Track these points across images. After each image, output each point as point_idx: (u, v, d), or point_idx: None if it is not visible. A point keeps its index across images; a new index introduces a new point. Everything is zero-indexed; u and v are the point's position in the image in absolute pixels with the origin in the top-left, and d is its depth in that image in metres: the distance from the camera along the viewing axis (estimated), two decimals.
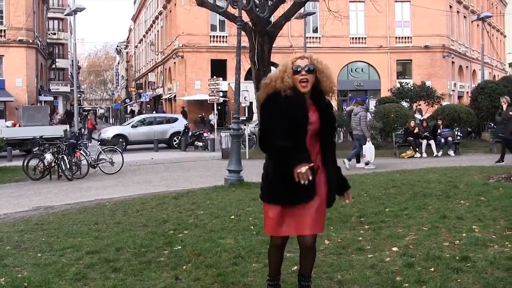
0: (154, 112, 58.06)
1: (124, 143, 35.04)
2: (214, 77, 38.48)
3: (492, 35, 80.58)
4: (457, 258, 7.16)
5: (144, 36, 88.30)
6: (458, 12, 68.54)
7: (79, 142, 21.97)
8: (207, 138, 34.52)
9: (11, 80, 51.52)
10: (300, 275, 5.76)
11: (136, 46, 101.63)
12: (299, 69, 5.40)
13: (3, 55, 52.09)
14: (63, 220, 11.63)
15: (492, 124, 31.19)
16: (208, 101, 37.50)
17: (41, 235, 9.92)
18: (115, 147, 24.85)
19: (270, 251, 5.78)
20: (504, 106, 21.73)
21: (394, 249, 7.79)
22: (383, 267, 6.97)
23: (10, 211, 13.59)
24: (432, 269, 6.75)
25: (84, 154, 21.51)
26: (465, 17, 70.93)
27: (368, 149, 21.34)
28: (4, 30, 52.14)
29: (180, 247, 8.38)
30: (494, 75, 77.25)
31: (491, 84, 33.96)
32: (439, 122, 27.39)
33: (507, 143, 21.40)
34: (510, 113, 21.13)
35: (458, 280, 6.31)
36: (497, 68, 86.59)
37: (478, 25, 62.85)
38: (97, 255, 8.15)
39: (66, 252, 8.44)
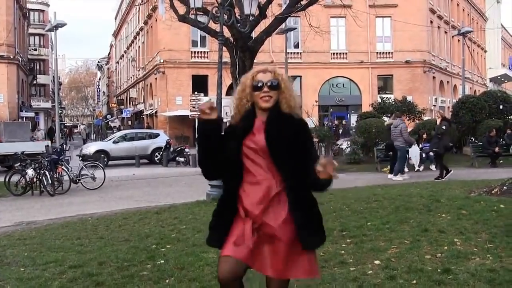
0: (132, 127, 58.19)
1: (106, 159, 34.95)
2: (196, 92, 38.54)
3: (473, 50, 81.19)
4: (439, 270, 7.21)
5: (125, 51, 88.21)
6: (439, 27, 68.99)
7: (60, 158, 21.90)
8: (188, 153, 34.51)
9: None
10: None
11: (117, 62, 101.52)
12: (259, 85, 4.61)
13: None
14: (45, 235, 11.61)
15: (473, 139, 31.43)
16: (190, 117, 37.50)
17: (24, 250, 9.90)
18: (97, 162, 24.80)
19: None
20: (438, 121, 22.18)
21: (376, 262, 7.83)
22: (366, 280, 7.01)
23: None
24: (414, 282, 6.80)
25: (66, 170, 21.44)
26: (445, 32, 71.38)
27: (415, 153, 23.54)
28: None
29: (162, 261, 8.39)
30: (475, 90, 77.64)
31: (472, 99, 34.22)
32: (424, 136, 27.60)
33: (440, 157, 21.84)
34: (443, 127, 21.51)
35: None
36: (478, 83, 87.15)
37: (459, 40, 63.32)
38: (80, 269, 8.14)
39: (49, 267, 8.43)
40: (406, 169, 22.58)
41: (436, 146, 22.22)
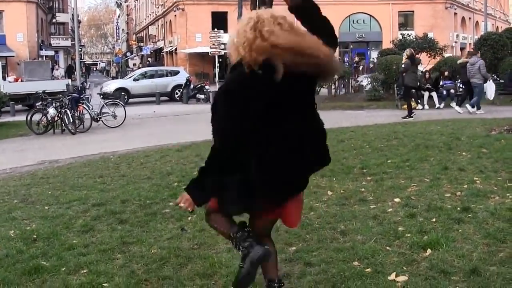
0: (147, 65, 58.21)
1: (126, 97, 35.06)
2: (215, 29, 38.28)
3: None
4: (458, 209, 7.23)
5: None
6: None
7: (81, 96, 21.98)
8: (209, 90, 34.50)
9: (12, 35, 51.43)
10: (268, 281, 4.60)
11: None
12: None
13: (3, 11, 51.93)
14: (68, 173, 11.76)
15: (495, 76, 31.09)
16: (210, 54, 37.40)
17: (48, 189, 10.05)
18: (117, 100, 24.89)
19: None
20: (403, 59, 22.07)
21: (396, 200, 7.87)
22: (386, 217, 7.07)
23: (16, 165, 13.69)
24: (434, 220, 6.84)
25: (87, 108, 21.55)
26: None
27: (490, 87, 23.68)
28: None
29: None
30: (497, 27, 76.60)
31: (494, 36, 33.65)
32: (445, 74, 27.34)
33: (405, 95, 22.39)
34: (403, 65, 21.43)
35: (459, 231, 6.40)
36: (500, 19, 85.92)
37: None
38: (103, 207, 8.27)
39: (73, 205, 8.57)
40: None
41: (398, 84, 22.40)
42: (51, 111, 20.49)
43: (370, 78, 31.91)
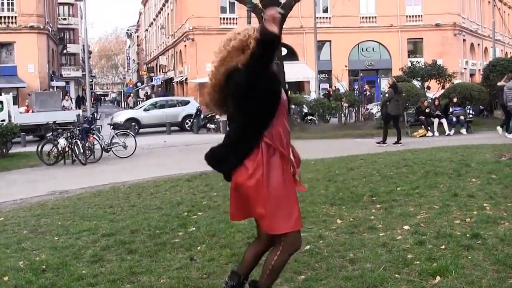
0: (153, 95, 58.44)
1: (136, 127, 35.23)
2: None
3: (504, 11, 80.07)
4: (468, 235, 7.21)
5: (154, 19, 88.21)
6: None
7: (92, 127, 22.08)
8: (219, 120, 34.59)
9: (23, 66, 51.80)
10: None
11: (146, 30, 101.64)
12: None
13: (15, 42, 52.37)
14: (78, 203, 11.78)
15: None
16: None
17: (57, 219, 10.07)
18: (128, 131, 24.98)
19: None
20: (386, 88, 22.24)
21: (406, 227, 7.85)
22: (395, 245, 7.05)
23: (26, 196, 13.74)
24: (443, 247, 6.81)
25: (98, 138, 21.63)
26: None
27: None
28: (15, 17, 52.41)
29: (194, 228, 8.50)
30: (506, 52, 76.74)
31: (503, 62, 33.75)
32: (454, 100, 27.33)
33: (386, 123, 22.51)
34: (387, 94, 21.58)
35: (469, 257, 6.37)
36: (509, 45, 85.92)
37: (489, 1, 62.60)
38: (112, 237, 8.28)
39: (82, 235, 8.58)
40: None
41: (382, 113, 22.63)
42: (62, 141, 20.59)
43: (379, 105, 31.97)
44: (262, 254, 5.26)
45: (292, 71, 42.50)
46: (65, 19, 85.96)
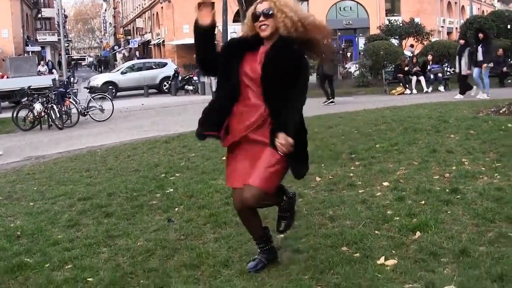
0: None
1: (114, 90, 34.96)
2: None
3: None
4: (447, 190, 7.19)
5: None
6: None
7: (68, 91, 21.85)
8: (197, 81, 34.43)
9: None
10: None
11: None
12: (257, 14, 4.85)
13: None
14: (54, 168, 11.67)
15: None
16: None
17: (33, 185, 9.96)
18: (105, 94, 24.77)
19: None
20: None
21: (385, 184, 7.81)
22: (374, 201, 7.01)
23: (1, 162, 13.63)
24: (423, 202, 6.79)
25: (74, 103, 21.44)
26: None
27: None
28: None
29: (172, 189, 8.42)
30: (483, 11, 76.72)
31: (480, 19, 33.80)
32: (429, 58, 27.27)
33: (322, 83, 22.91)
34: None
35: (448, 212, 6.35)
36: (486, 3, 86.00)
37: None
38: (89, 201, 8.18)
39: (58, 200, 8.48)
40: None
41: (318, 73, 23.33)
42: (38, 106, 20.37)
43: (358, 64, 31.93)
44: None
45: None
46: None
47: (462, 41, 23.20)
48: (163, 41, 58.20)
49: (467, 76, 22.09)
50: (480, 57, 21.31)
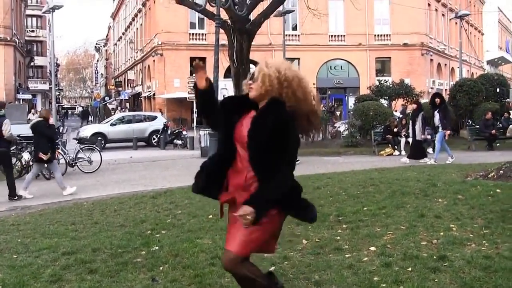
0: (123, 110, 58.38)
1: (103, 141, 34.94)
2: (194, 75, 38.38)
3: (470, 33, 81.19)
4: (434, 257, 7.15)
5: (123, 33, 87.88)
6: (436, 10, 68.97)
7: (57, 141, 21.77)
8: (186, 136, 34.49)
9: None
10: None
11: (115, 44, 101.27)
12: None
13: None
14: (39, 220, 11.55)
15: (470, 122, 31.38)
16: (188, 99, 37.43)
17: (17, 236, 9.84)
18: (94, 145, 24.71)
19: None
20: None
21: (372, 248, 7.77)
22: (361, 267, 6.95)
23: None
24: (410, 269, 6.74)
25: (62, 153, 21.35)
26: (443, 15, 71.39)
27: None
28: None
29: (157, 247, 8.33)
30: (472, 73, 77.74)
31: (469, 82, 34.08)
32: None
33: None
34: None
35: (436, 280, 6.31)
36: (475, 65, 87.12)
37: (456, 23, 63.39)
38: (73, 256, 8.07)
39: (42, 253, 8.36)
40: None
41: None
42: (26, 155, 20.30)
43: (347, 124, 32.07)
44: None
45: None
46: (33, 31, 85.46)
47: (415, 106, 23.10)
48: (154, 94, 58.45)
49: (421, 142, 22.04)
50: (437, 122, 21.32)
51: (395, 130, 26.26)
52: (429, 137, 22.50)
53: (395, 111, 37.33)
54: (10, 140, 16.26)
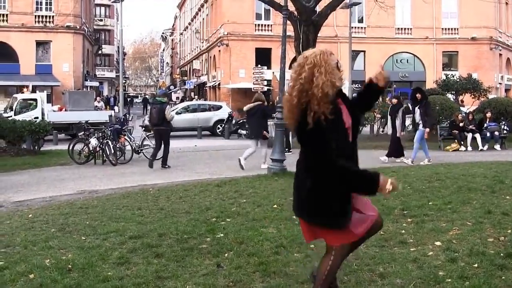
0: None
1: None
2: (259, 65, 38.43)
3: None
4: (501, 254, 7.05)
5: (189, 23, 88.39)
6: (507, 3, 67.35)
7: (123, 128, 22.09)
8: None
9: (58, 65, 52.37)
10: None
11: (181, 33, 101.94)
12: (339, 65, 4.94)
13: (51, 41, 52.93)
14: (107, 204, 11.76)
15: None
16: (252, 90, 37.52)
17: (85, 219, 10.05)
18: None
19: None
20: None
21: (437, 243, 7.70)
22: (426, 261, 6.91)
23: (56, 194, 13.82)
24: (476, 265, 6.67)
25: (129, 140, 21.64)
26: None
27: None
28: (53, 16, 52.94)
29: (222, 234, 8.42)
30: None
31: None
32: (487, 115, 26.98)
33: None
34: None
35: (503, 277, 6.23)
36: None
37: None
38: (140, 240, 8.23)
39: (110, 236, 8.54)
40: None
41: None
42: (93, 141, 20.62)
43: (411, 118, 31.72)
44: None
45: None
46: (101, 20, 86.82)
47: (394, 100, 22.19)
48: (219, 84, 58.67)
49: (400, 139, 20.70)
50: (417, 118, 20.24)
51: (461, 125, 25.86)
52: (403, 133, 21.09)
53: (463, 106, 36.72)
54: (170, 121, 19.95)
